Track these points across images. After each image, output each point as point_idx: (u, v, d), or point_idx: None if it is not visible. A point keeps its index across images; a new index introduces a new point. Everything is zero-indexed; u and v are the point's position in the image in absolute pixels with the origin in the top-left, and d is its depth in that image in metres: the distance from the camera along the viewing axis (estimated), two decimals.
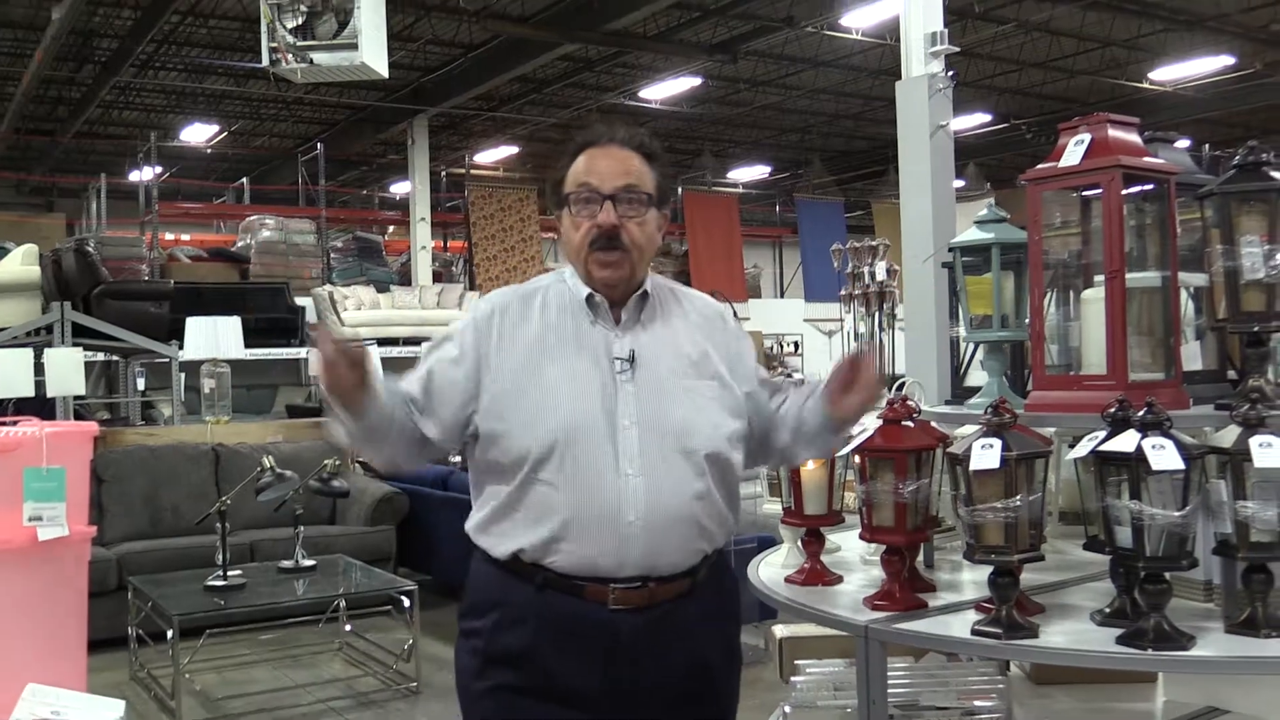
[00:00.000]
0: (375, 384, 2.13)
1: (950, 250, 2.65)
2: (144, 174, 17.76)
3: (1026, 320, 2.52)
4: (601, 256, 2.18)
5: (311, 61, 8.19)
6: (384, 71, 8.63)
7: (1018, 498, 2.04)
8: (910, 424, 2.38)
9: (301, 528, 6.05)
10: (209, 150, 22.38)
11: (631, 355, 2.19)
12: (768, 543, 4.39)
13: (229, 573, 5.61)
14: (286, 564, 5.99)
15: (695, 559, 2.20)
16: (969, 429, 2.38)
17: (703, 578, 2.22)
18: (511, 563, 2.14)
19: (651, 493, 2.12)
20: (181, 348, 8.88)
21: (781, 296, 24.55)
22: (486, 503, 2.19)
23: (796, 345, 20.63)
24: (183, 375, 9.82)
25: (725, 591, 2.30)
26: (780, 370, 18.85)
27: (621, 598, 2.11)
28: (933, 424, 2.52)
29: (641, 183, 2.20)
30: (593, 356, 2.18)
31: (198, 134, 21.00)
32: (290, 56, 8.19)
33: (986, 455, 2.04)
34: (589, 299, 2.22)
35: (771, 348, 20.28)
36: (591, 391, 2.14)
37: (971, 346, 2.76)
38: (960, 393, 2.77)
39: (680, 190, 22.00)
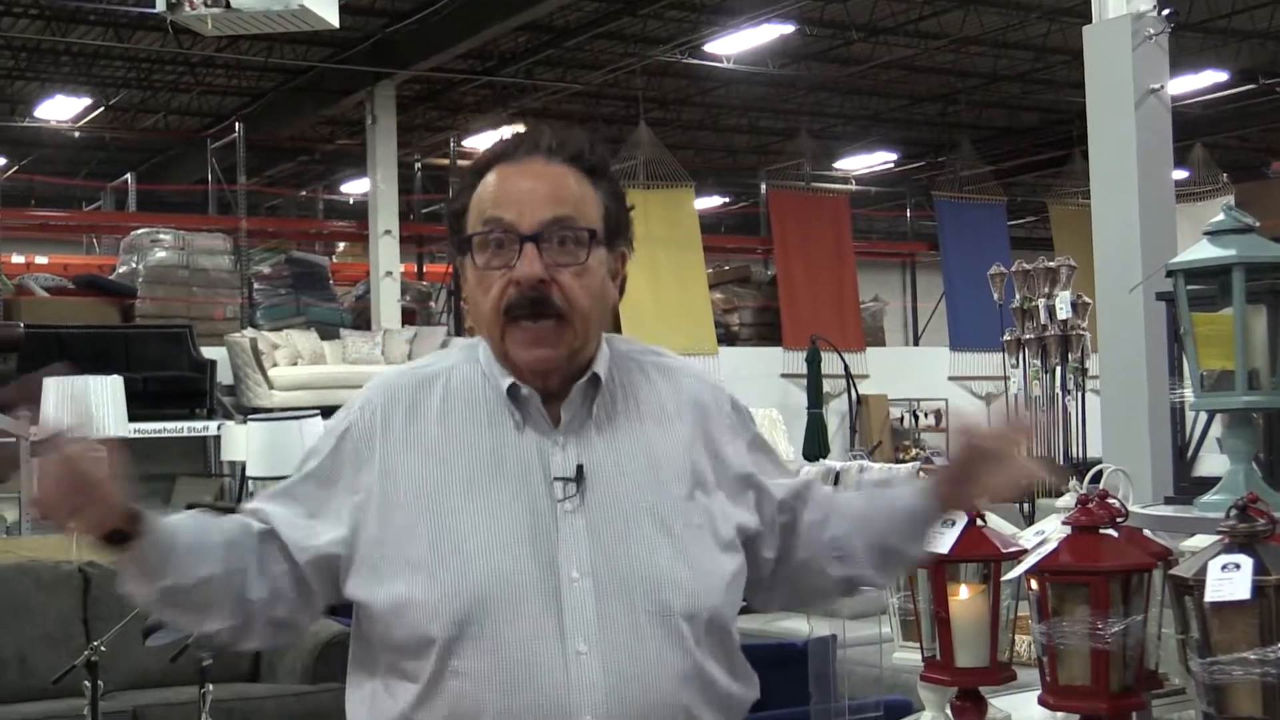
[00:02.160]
0: (147, 518, 2.13)
1: (1170, 275, 2.65)
2: None
3: None
4: (525, 331, 2.16)
5: (228, 5, 8.36)
6: (334, 19, 8.79)
7: None
8: (1113, 533, 2.36)
9: (210, 686, 6.06)
10: (77, 133, 22.81)
11: (578, 472, 2.17)
12: (900, 710, 4.35)
13: None
14: None
15: None
16: (1201, 540, 2.35)
17: None
18: None
19: (614, 678, 2.10)
20: (34, 421, 8.99)
21: (916, 343, 24.51)
22: (378, 705, 2.18)
23: (938, 416, 20.54)
24: (35, 462, 9.91)
25: None
26: (915, 452, 18.78)
27: None
28: (1147, 533, 2.49)
29: (580, 213, 2.19)
30: (520, 478, 2.17)
31: (60, 109, 21.42)
32: None
33: (1231, 581, 2.02)
34: (512, 392, 2.20)
35: (902, 420, 20.23)
36: (518, 532, 2.14)
37: (1204, 417, 2.73)
38: (1188, 486, 2.75)
39: (765, 187, 22.12)
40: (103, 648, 5.68)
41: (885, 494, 2.34)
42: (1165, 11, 8.40)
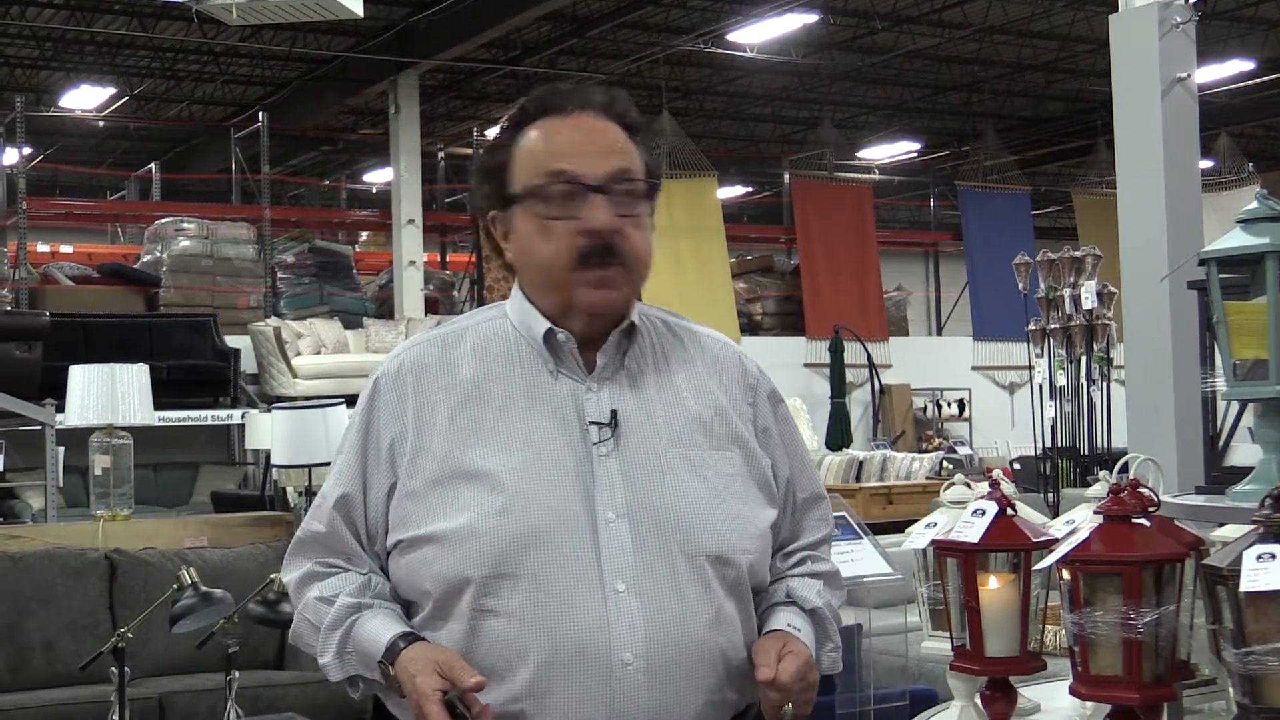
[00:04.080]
0: None
1: (1201, 263, 2.63)
2: (6, 157, 18.18)
3: None
4: (594, 275, 2.19)
5: None
6: (358, 8, 8.80)
7: None
8: (1145, 522, 2.35)
9: (236, 674, 6.08)
10: (101, 123, 22.89)
11: (613, 417, 2.21)
12: (927, 699, 4.35)
13: None
14: None
15: (723, 715, 2.22)
16: (1234, 530, 2.34)
17: None
18: None
19: (653, 617, 2.14)
20: (60, 409, 9.03)
21: (939, 333, 24.48)
22: None
23: (962, 405, 20.52)
24: (61, 450, 9.95)
25: None
26: (938, 442, 18.76)
27: None
28: (1178, 523, 2.48)
29: (635, 167, 2.25)
30: (557, 421, 2.21)
31: (85, 99, 21.50)
32: None
33: (1266, 571, 2.01)
34: (547, 337, 2.23)
35: (925, 409, 20.20)
36: (557, 473, 2.18)
37: (1235, 407, 2.72)
38: (1219, 476, 2.74)
39: (788, 176, 22.10)
40: (129, 634, 5.70)
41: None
42: (1192, 0, 8.37)
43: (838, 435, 17.63)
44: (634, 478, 2.19)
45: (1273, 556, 2.03)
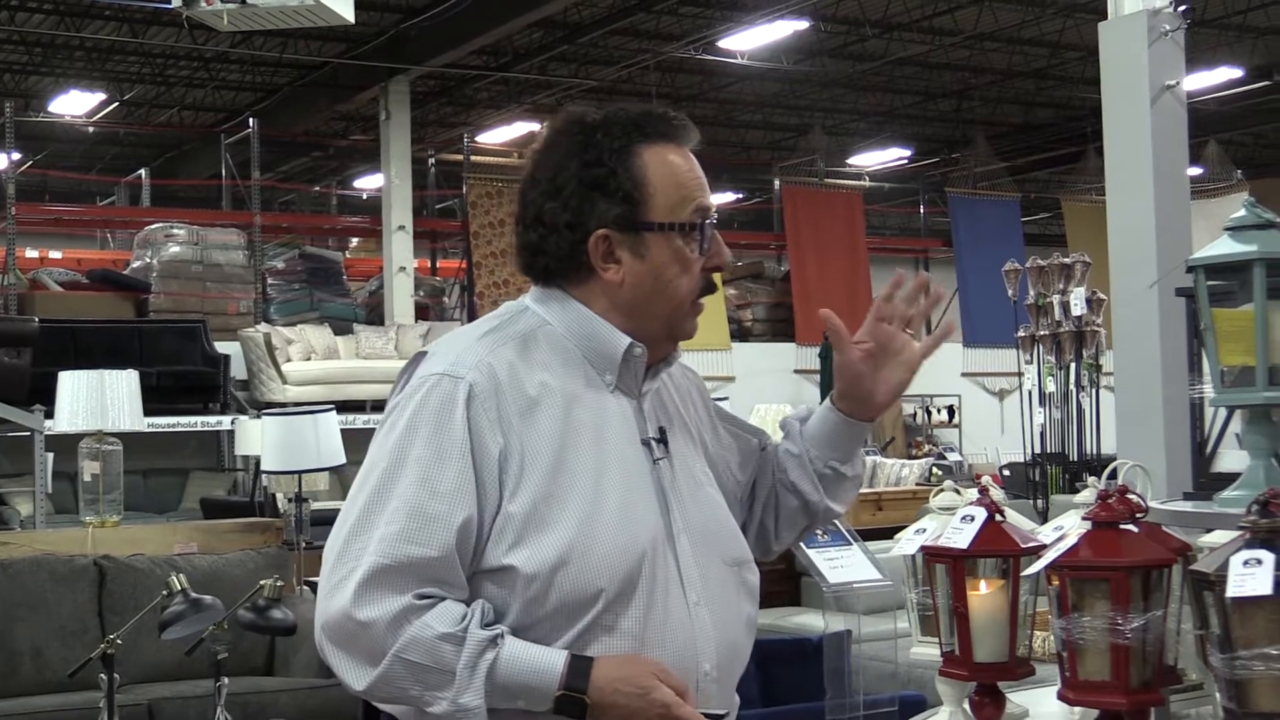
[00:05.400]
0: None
1: (1190, 270, 2.64)
2: None
3: None
4: (699, 307, 2.32)
5: (244, 1, 8.37)
6: (349, 15, 8.80)
7: None
8: (1133, 528, 2.36)
9: (226, 680, 6.07)
10: (91, 128, 22.86)
11: (662, 434, 2.30)
12: (916, 705, 4.35)
13: None
14: None
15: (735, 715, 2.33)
16: (1221, 536, 2.34)
17: None
18: None
19: (720, 628, 2.24)
20: (49, 415, 9.02)
21: None
22: None
23: (952, 412, 20.53)
24: (50, 456, 9.93)
25: None
26: (928, 448, 18.77)
27: None
28: (1166, 528, 2.49)
29: None
30: (627, 435, 2.25)
31: (74, 104, 21.48)
32: None
33: (1253, 576, 2.02)
34: (629, 353, 2.26)
35: (914, 416, 20.21)
36: (645, 486, 2.23)
37: (1223, 413, 2.73)
38: (1207, 482, 2.75)
39: (778, 183, 22.11)
40: (118, 641, 5.69)
41: (804, 430, 2.49)
42: (1181, 8, 8.39)
43: None
44: (681, 492, 2.27)
45: (1259, 562, 2.04)
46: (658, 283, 2.25)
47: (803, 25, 18.16)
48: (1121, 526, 2.36)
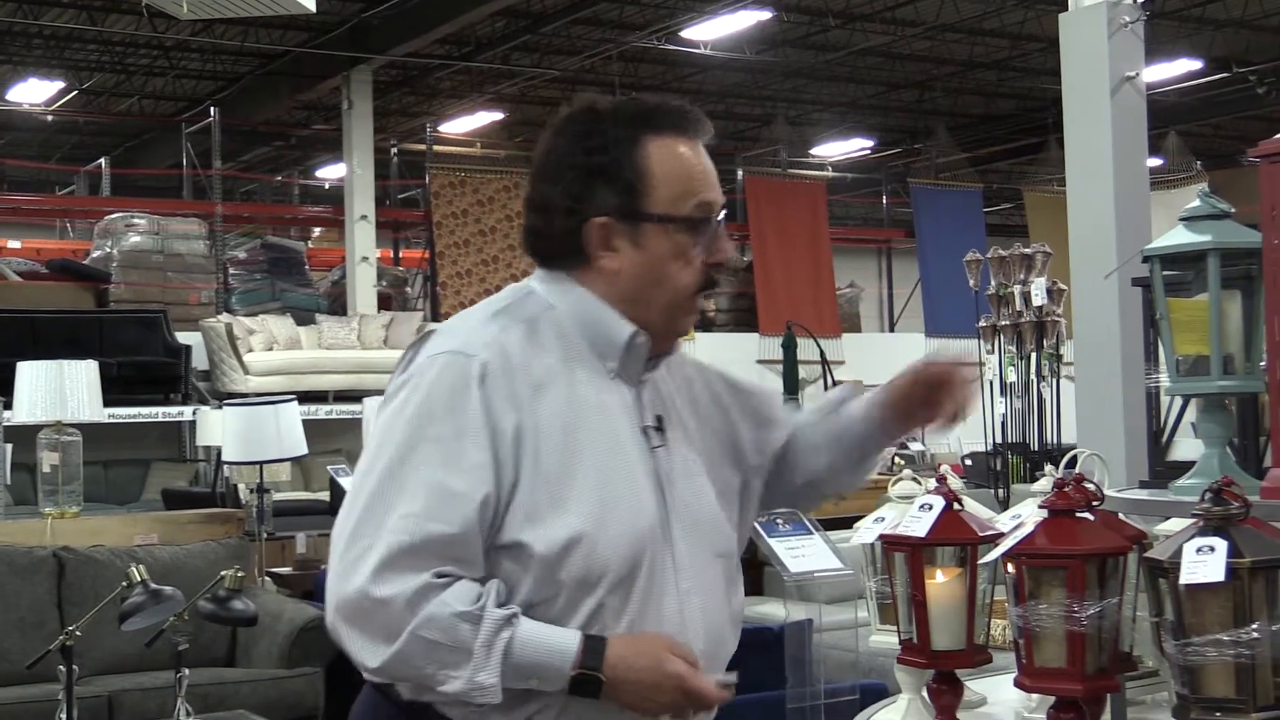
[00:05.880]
0: None
1: (1145, 260, 2.66)
2: None
3: (1261, 363, 2.52)
4: (699, 303, 2.33)
5: None
6: (310, 3, 8.77)
7: (1254, 626, 2.03)
8: (1089, 516, 2.37)
9: (186, 671, 6.05)
10: (50, 117, 22.69)
11: (659, 422, 2.30)
12: (876, 693, 4.37)
13: None
14: None
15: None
16: (1176, 524, 2.36)
17: None
18: None
19: (709, 615, 2.26)
20: (7, 406, 8.96)
21: (892, 329, 24.57)
22: None
23: None
24: (9, 447, 9.87)
25: None
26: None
27: None
28: (1122, 516, 2.50)
29: None
30: (628, 421, 2.27)
31: (32, 93, 21.30)
32: None
33: (1206, 564, 2.03)
34: (632, 341, 2.27)
35: None
36: (646, 471, 2.24)
37: (1178, 402, 2.74)
38: (1162, 470, 2.76)
39: (741, 173, 22.13)
40: (78, 632, 5.66)
41: (836, 423, 2.53)
42: (1140, 0, 8.43)
43: None
44: (677, 481, 2.27)
45: (1211, 549, 2.05)
46: (655, 274, 2.25)
47: (765, 15, 18.17)
48: (1078, 515, 2.37)
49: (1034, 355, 9.97)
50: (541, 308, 2.28)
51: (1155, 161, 18.87)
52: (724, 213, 2.32)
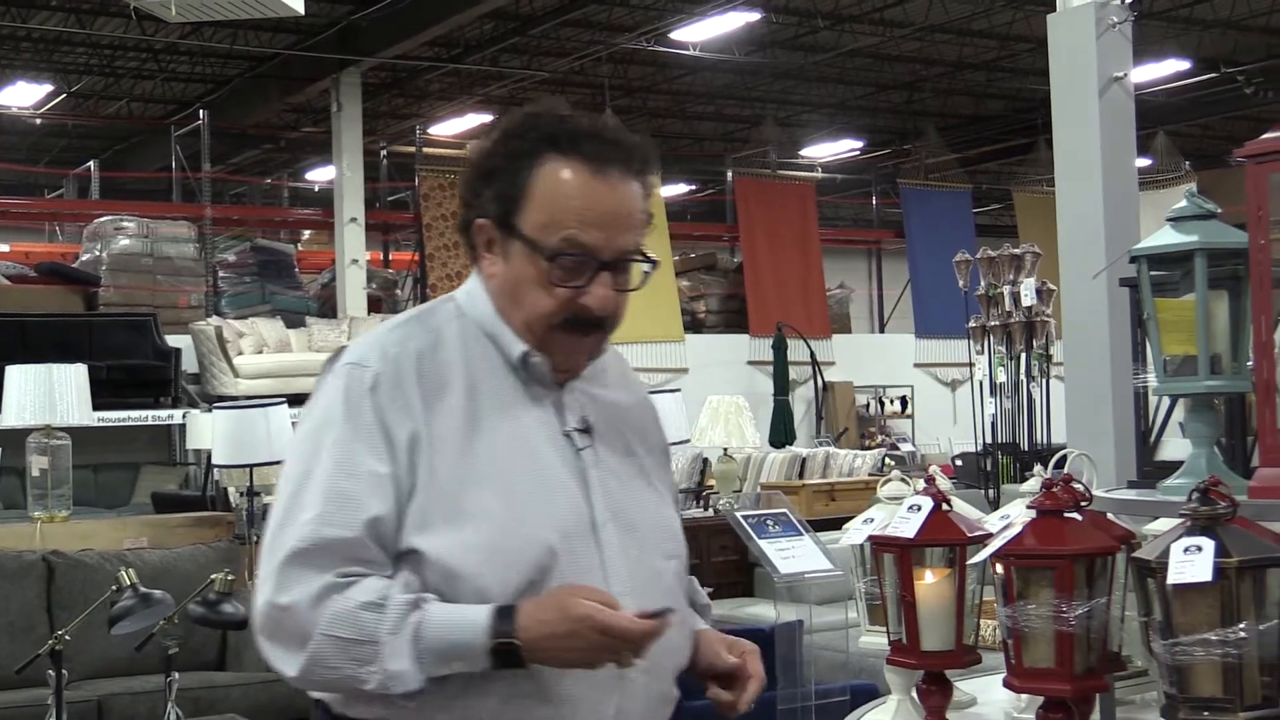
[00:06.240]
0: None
1: (1133, 261, 2.66)
2: None
3: (1249, 363, 2.52)
4: (574, 342, 2.23)
5: None
6: (299, 6, 8.76)
7: (1241, 626, 2.04)
8: (1077, 516, 2.38)
9: (176, 675, 6.05)
10: (38, 120, 22.65)
11: (585, 424, 2.27)
12: (867, 694, 4.37)
13: None
14: None
15: (670, 713, 2.31)
16: (1164, 524, 2.37)
17: None
18: None
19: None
20: None
21: (882, 330, 24.57)
22: None
23: (905, 402, 20.61)
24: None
25: None
26: (880, 439, 18.83)
27: None
28: (1110, 516, 2.51)
29: (643, 235, 2.26)
30: (543, 426, 2.24)
31: (21, 96, 21.25)
32: None
33: (1193, 563, 2.04)
34: (522, 358, 2.24)
35: (867, 406, 20.28)
36: (563, 476, 2.21)
37: (1166, 402, 2.74)
38: (1150, 470, 2.76)
39: (731, 174, 22.13)
40: (67, 637, 5.65)
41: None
42: (1128, 0, 8.44)
43: (781, 432, 17.67)
44: (608, 485, 2.24)
45: (1199, 549, 2.06)
46: (515, 292, 2.23)
47: (754, 17, 18.16)
48: (1066, 515, 2.38)
49: (1024, 355, 10.00)
50: (452, 316, 2.28)
51: (1144, 162, 18.91)
52: (638, 258, 2.22)
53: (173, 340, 15.27)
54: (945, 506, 2.64)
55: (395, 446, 2.14)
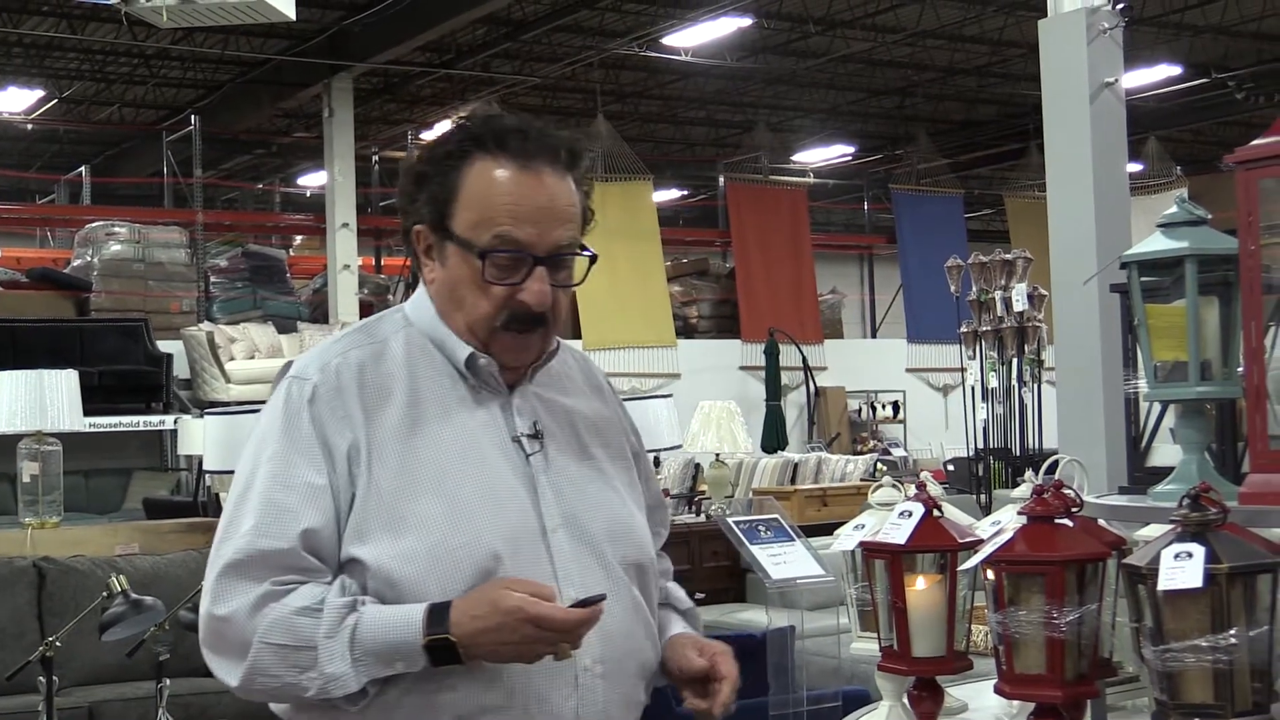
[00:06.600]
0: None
1: (1124, 266, 2.66)
2: None
3: (1239, 368, 2.52)
4: (516, 339, 2.23)
5: None
6: (290, 11, 8.75)
7: (1232, 632, 2.03)
8: (1068, 522, 2.38)
9: (167, 681, 6.04)
10: (30, 126, 22.63)
11: (535, 429, 2.25)
12: (858, 699, 4.37)
13: None
14: None
15: (640, 716, 2.30)
16: (1155, 530, 2.36)
17: None
18: None
19: (605, 623, 2.15)
20: None
21: (874, 335, 24.60)
22: None
23: (896, 407, 20.63)
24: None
25: None
26: (873, 444, 18.84)
27: None
28: (1101, 522, 2.51)
29: (579, 229, 2.25)
30: (491, 433, 2.24)
31: (12, 101, 21.26)
32: None
33: (1184, 570, 2.03)
34: (469, 361, 2.24)
35: (859, 412, 20.29)
36: (509, 483, 2.20)
37: (1157, 408, 2.74)
38: (1142, 476, 2.76)
39: (723, 180, 22.14)
40: (58, 643, 5.64)
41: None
42: (1119, 6, 8.46)
43: (773, 438, 17.68)
44: (561, 490, 2.24)
45: (1189, 555, 2.05)
46: (455, 295, 2.24)
47: (746, 22, 18.20)
48: (1057, 521, 2.37)
49: (1015, 360, 10.01)
50: (398, 326, 2.30)
51: (1135, 167, 18.95)
52: (575, 252, 2.22)
53: (164, 345, 15.25)
54: (936, 512, 2.64)
55: (334, 457, 2.16)
